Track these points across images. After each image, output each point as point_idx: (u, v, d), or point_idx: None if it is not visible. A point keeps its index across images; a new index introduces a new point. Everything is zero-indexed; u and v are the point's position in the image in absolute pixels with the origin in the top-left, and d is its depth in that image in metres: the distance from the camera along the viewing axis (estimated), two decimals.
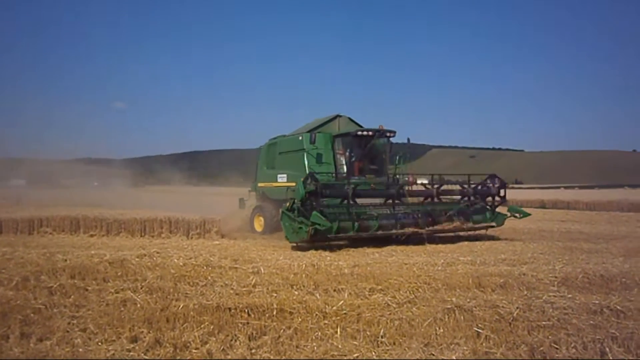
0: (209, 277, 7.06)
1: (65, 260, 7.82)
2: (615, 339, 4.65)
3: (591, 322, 5.04)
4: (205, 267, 7.68)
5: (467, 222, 12.85)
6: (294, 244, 11.19)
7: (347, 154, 13.76)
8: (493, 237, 13.22)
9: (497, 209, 13.71)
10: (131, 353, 4.47)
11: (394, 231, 11.71)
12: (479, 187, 13.77)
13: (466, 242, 11.93)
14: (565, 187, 63.56)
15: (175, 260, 8.15)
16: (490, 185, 13.78)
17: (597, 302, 5.58)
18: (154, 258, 8.27)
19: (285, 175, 14.65)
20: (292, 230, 10.88)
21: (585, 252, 9.96)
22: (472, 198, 13.48)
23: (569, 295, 5.95)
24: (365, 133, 13.51)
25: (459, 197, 13.77)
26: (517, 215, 13.70)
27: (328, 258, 8.74)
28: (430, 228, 12.12)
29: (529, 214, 14.16)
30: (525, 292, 6.18)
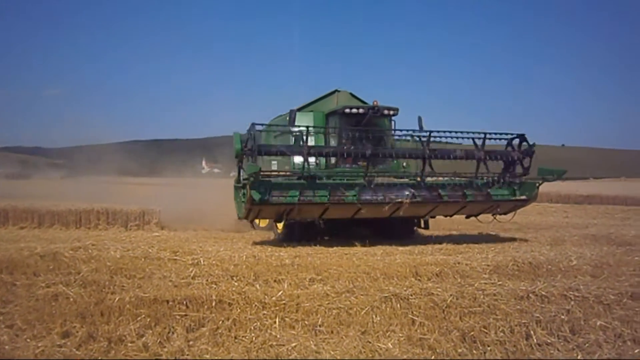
0: (147, 270, 6.90)
1: None
2: (539, 322, 4.94)
3: (518, 307, 5.33)
4: (143, 259, 7.51)
5: (487, 199, 10.11)
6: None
7: (338, 137, 10.83)
8: (430, 228, 13.32)
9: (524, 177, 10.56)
10: (62, 349, 4.34)
11: (370, 198, 9.31)
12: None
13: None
14: None
15: (112, 252, 7.92)
16: (510, 149, 10.45)
17: (524, 288, 5.88)
18: (90, 250, 8.00)
19: (276, 162, 11.90)
20: (241, 203, 9.29)
21: (516, 241, 10.44)
22: (484, 163, 10.26)
23: (499, 282, 6.23)
24: (355, 111, 10.92)
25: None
26: (549, 177, 10.36)
27: (269, 249, 8.74)
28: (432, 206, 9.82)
29: (565, 170, 10.46)
30: (459, 280, 6.43)
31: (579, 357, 4.29)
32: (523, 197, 10.39)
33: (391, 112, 11.21)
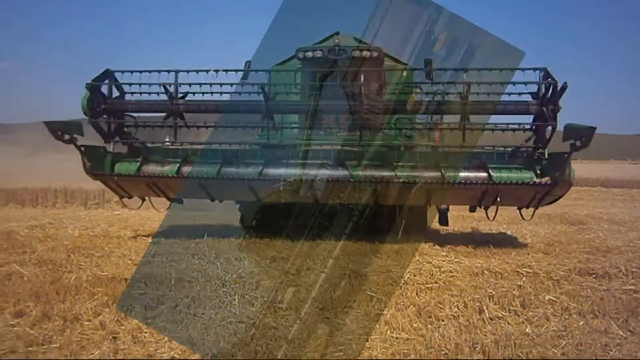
0: (106, 248, 6.83)
1: None
2: (492, 298, 5.11)
3: (473, 283, 5.50)
4: (102, 238, 7.42)
5: (484, 181, 6.72)
6: None
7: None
8: None
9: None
10: (15, 328, 4.26)
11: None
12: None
13: None
14: None
15: (70, 231, 7.79)
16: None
17: (479, 265, 6.07)
18: (46, 229, 7.86)
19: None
20: None
21: (475, 220, 10.71)
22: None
23: (456, 260, 6.40)
24: (310, 54, 7.42)
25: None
26: (578, 142, 6.16)
27: (232, 227, 8.70)
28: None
29: (595, 127, 6.02)
30: (418, 258, 6.56)
31: (527, 330, 4.46)
32: (545, 181, 6.54)
33: (364, 54, 7.33)
